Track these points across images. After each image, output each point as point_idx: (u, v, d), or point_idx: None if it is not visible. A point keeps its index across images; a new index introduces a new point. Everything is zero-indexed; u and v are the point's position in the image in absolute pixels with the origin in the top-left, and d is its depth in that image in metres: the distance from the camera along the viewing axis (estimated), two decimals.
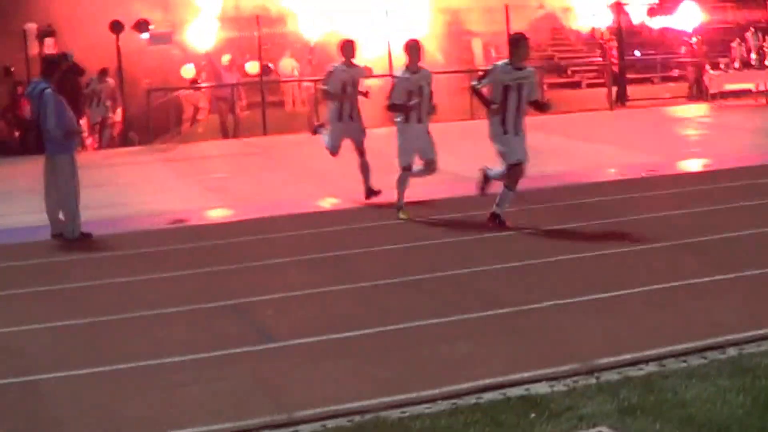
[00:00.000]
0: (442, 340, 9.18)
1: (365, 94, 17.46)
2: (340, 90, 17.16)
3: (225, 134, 30.01)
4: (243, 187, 20.18)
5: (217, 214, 17.31)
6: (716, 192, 16.41)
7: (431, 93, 15.37)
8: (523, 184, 14.72)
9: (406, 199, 15.60)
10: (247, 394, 8.11)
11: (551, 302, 10.21)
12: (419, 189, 16.40)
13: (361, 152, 17.39)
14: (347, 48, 17.47)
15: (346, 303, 10.81)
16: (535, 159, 20.36)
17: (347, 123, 17.34)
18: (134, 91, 29.07)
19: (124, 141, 29.36)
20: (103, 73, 28.82)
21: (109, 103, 28.88)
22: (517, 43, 14.39)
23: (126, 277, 12.39)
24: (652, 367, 8.19)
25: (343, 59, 17.37)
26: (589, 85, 37.85)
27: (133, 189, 20.47)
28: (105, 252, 14.18)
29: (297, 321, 10.16)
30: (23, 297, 11.71)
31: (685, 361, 8.30)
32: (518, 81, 14.04)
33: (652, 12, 38.16)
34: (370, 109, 18.97)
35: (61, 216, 14.92)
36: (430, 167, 15.73)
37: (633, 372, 8.08)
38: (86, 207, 15.61)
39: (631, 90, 34.99)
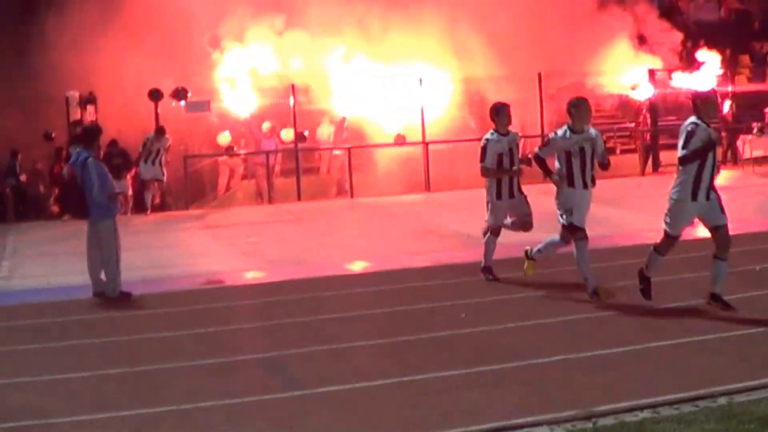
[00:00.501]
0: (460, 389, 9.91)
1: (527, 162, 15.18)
2: (496, 164, 15.30)
3: (261, 200, 30.89)
4: (275, 250, 21.02)
5: (250, 275, 18.05)
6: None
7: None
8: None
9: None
10: None
11: (559, 357, 10.87)
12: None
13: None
14: (502, 113, 15.58)
15: (371, 356, 11.52)
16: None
17: (508, 200, 15.56)
18: (171, 158, 29.81)
19: (162, 205, 30.17)
20: (161, 131, 29.08)
21: (166, 160, 29.21)
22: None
23: (161, 333, 13.20)
24: (646, 414, 8.84)
25: (496, 127, 15.48)
26: (623, 151, 38.28)
27: (171, 252, 21.32)
28: (143, 310, 14.99)
29: (324, 371, 10.87)
30: (66, 349, 12.53)
31: (677, 409, 8.95)
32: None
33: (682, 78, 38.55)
34: None
35: (102, 276, 15.72)
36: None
37: (628, 417, 8.74)
38: (128, 268, 16.45)
39: (667, 155, 35.55)
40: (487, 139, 15.28)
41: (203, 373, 11.08)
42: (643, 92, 35.60)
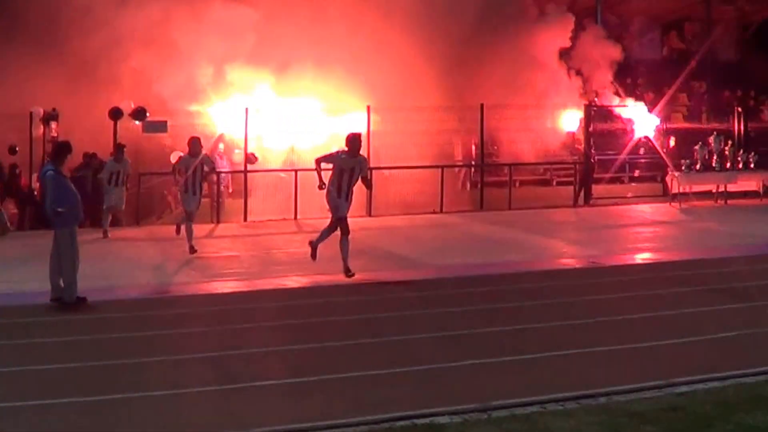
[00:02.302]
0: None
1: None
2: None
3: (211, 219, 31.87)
4: (224, 264, 22.26)
5: (194, 287, 19.21)
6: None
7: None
8: (471, 270, 17.00)
9: None
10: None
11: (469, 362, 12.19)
12: None
13: None
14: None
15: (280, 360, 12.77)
16: (490, 248, 22.72)
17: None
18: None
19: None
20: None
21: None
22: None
23: (108, 334, 14.42)
24: (534, 408, 10.18)
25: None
26: (559, 183, 39.72)
27: (123, 264, 22.45)
28: (94, 314, 16.14)
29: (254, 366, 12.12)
30: (17, 347, 13.75)
31: (562, 405, 10.29)
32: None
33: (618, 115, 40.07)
34: None
35: (61, 282, 16.86)
36: None
37: (519, 410, 10.08)
38: (84, 277, 17.66)
39: (602, 189, 36.98)
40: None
41: (143, 369, 12.26)
42: (572, 125, 36.97)
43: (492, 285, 18.47)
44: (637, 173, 40.93)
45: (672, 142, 40.30)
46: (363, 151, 32.85)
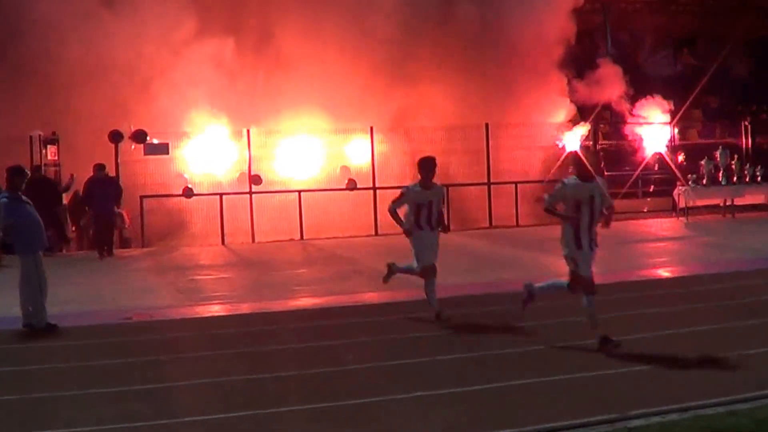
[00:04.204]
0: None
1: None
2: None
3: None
4: (216, 287, 22.15)
5: (176, 311, 19.05)
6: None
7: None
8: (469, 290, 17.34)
9: None
10: None
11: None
12: None
13: None
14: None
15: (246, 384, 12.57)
16: (485, 267, 22.45)
17: None
18: (128, 197, 30.73)
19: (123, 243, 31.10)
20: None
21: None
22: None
23: (67, 363, 14.21)
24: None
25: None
26: None
27: (112, 287, 22.39)
28: (61, 341, 15.93)
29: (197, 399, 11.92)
30: None
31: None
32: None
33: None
34: None
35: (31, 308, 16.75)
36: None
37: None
38: (68, 301, 18.06)
39: (617, 204, 36.68)
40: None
41: (92, 400, 12.00)
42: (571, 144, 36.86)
43: (480, 305, 18.18)
44: (652, 188, 40.55)
45: (681, 158, 39.92)
46: (368, 173, 33.94)
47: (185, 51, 33.90)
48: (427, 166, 16.56)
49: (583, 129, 37.59)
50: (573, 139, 37.17)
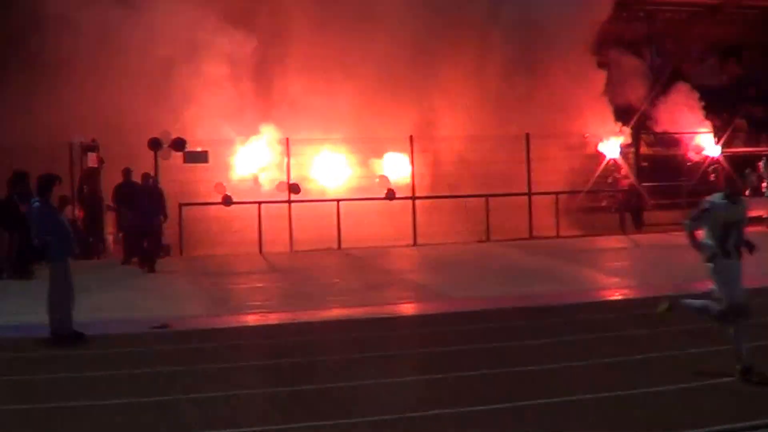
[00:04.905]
0: None
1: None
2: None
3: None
4: (250, 296, 22.10)
5: (205, 321, 18.96)
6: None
7: None
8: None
9: None
10: None
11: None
12: None
13: None
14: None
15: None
16: (524, 279, 22.18)
17: None
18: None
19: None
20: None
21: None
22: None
23: (92, 372, 14.11)
24: None
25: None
26: (617, 210, 39.09)
27: (143, 295, 22.39)
28: (83, 350, 15.84)
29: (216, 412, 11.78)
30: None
31: None
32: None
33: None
34: None
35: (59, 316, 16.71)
36: None
37: None
38: (99, 309, 18.22)
39: (658, 215, 36.39)
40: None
41: (110, 411, 11.89)
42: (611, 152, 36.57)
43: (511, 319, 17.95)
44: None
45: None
46: (407, 182, 33.85)
47: (226, 59, 33.87)
48: (734, 176, 13.81)
49: (620, 138, 37.29)
50: (612, 148, 36.90)
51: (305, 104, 34.23)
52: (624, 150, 37.37)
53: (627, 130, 37.83)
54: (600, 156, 37.43)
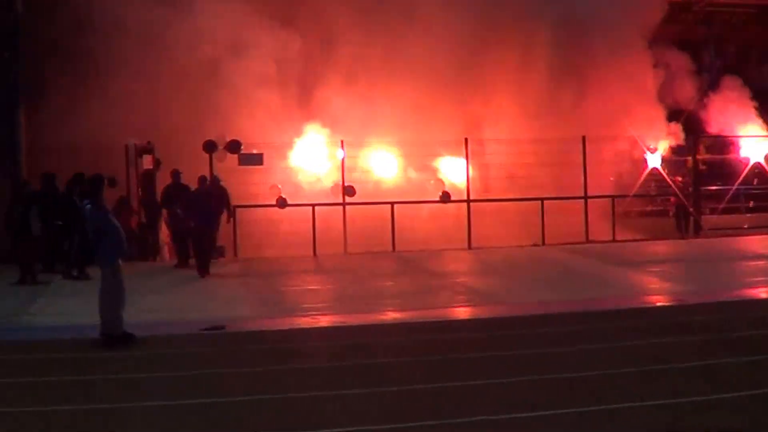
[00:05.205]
0: None
1: None
2: None
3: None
4: (301, 298, 22.03)
5: (257, 323, 18.90)
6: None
7: None
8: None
9: None
10: None
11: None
12: None
13: None
14: None
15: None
16: (579, 284, 21.96)
17: None
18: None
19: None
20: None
21: None
22: None
23: (140, 374, 14.12)
24: None
25: None
26: (674, 215, 38.66)
27: (194, 297, 22.42)
28: (133, 351, 15.84)
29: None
30: (43, 384, 13.53)
31: None
32: None
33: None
34: None
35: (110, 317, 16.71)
36: None
37: None
38: (151, 310, 18.39)
39: (716, 220, 36.00)
40: None
41: (156, 413, 11.85)
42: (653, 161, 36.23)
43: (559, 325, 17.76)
44: (752, 204, 39.60)
45: None
46: (461, 184, 33.68)
47: (281, 62, 33.90)
48: None
49: (666, 142, 37.02)
50: (655, 156, 36.60)
51: (357, 106, 34.14)
52: (679, 154, 36.93)
53: (680, 132, 37.39)
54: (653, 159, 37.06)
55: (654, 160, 36.45)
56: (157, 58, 32.33)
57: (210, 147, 31.51)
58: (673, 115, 38.67)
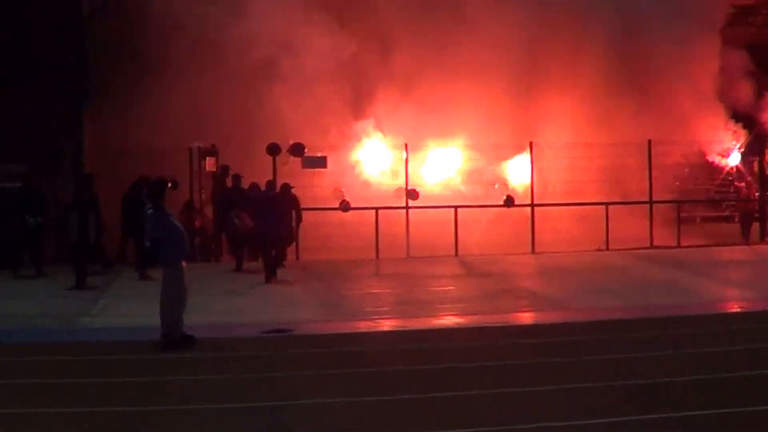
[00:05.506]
0: None
1: None
2: None
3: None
4: (361, 302, 22.00)
5: (318, 326, 18.86)
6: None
7: None
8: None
9: None
10: None
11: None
12: None
13: None
14: None
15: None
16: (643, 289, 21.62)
17: None
18: None
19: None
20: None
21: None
22: None
23: (198, 375, 14.12)
24: None
25: None
26: (740, 220, 38.09)
27: (258, 299, 22.39)
28: (190, 353, 15.87)
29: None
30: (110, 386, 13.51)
31: None
32: None
33: None
34: None
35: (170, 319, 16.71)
36: None
37: None
38: (210, 312, 18.56)
39: None
40: None
41: (212, 415, 11.82)
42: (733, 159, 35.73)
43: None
44: None
45: None
46: (526, 187, 33.39)
47: (342, 65, 33.90)
48: None
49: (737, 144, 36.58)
50: (734, 156, 36.12)
51: (414, 109, 34.03)
52: (748, 158, 36.48)
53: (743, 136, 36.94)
54: (717, 164, 36.61)
55: (734, 159, 35.99)
56: (215, 60, 32.33)
57: (273, 150, 31.40)
58: (735, 118, 38.12)
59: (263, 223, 25.84)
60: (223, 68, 32.43)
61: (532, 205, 32.91)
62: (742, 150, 36.59)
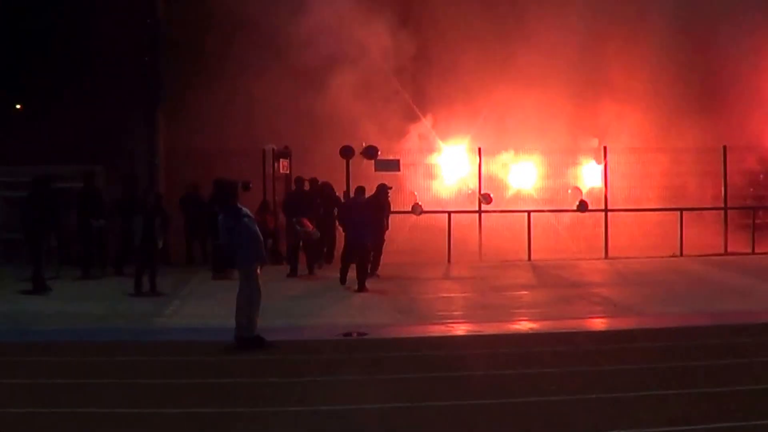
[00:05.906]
0: None
1: None
2: None
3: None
4: (434, 306, 21.91)
5: (392, 330, 18.87)
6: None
7: None
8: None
9: None
10: None
11: None
12: None
13: None
14: None
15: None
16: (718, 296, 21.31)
17: None
18: None
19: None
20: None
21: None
22: None
23: (269, 378, 14.17)
24: None
25: None
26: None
27: (331, 303, 22.44)
28: (263, 355, 15.88)
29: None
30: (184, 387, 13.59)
31: None
32: None
33: None
34: None
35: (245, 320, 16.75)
36: None
37: None
38: (284, 315, 18.91)
39: None
40: None
41: (281, 418, 11.83)
42: None
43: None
44: None
45: None
46: (599, 191, 33.15)
47: (410, 69, 33.98)
48: None
49: None
50: None
51: (499, 113, 33.98)
52: None
53: None
54: None
55: None
56: (278, 59, 32.44)
57: (346, 152, 31.38)
58: None
59: (349, 230, 25.27)
60: (286, 67, 32.47)
61: (606, 210, 32.68)
62: None
